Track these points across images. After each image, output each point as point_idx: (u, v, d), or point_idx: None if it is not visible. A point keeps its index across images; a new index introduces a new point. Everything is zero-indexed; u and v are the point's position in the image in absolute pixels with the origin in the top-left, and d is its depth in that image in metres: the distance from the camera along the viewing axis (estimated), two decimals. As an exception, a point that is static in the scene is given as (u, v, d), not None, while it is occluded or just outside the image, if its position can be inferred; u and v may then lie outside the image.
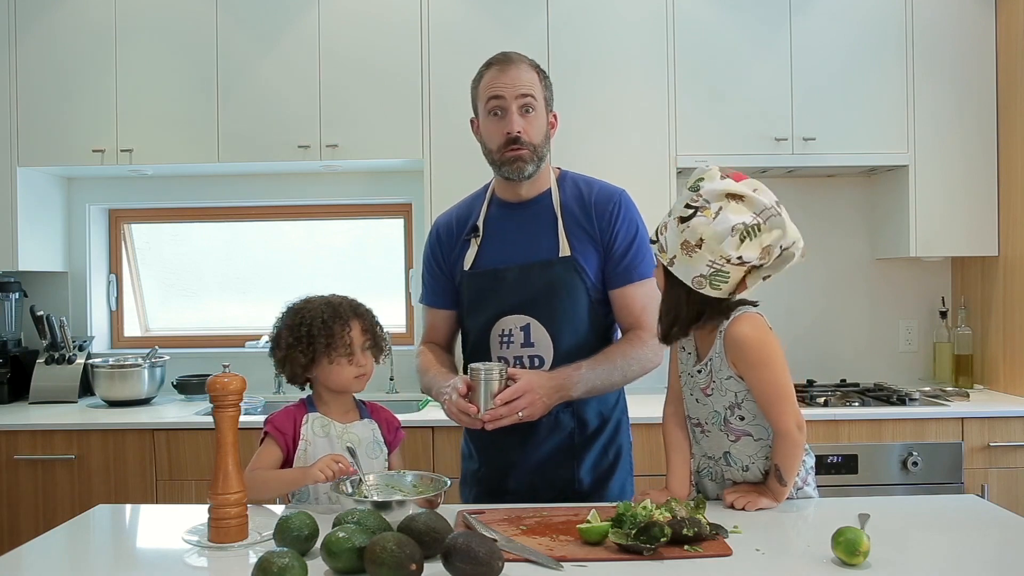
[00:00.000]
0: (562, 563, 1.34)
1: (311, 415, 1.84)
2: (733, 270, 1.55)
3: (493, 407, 1.71)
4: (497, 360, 1.89)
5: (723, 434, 1.68)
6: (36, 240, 3.41)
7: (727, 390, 1.64)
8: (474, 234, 1.97)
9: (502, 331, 1.91)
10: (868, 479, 2.87)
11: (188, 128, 3.26)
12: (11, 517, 2.93)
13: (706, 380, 1.66)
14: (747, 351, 1.59)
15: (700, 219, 1.54)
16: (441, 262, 2.03)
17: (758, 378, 1.60)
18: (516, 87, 1.87)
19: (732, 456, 1.68)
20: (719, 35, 3.22)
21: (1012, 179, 3.17)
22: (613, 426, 1.98)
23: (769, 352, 1.59)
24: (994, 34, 3.24)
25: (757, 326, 1.60)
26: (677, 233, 1.57)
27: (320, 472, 1.66)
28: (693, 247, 1.55)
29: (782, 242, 1.56)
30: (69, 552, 1.54)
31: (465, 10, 3.22)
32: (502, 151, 1.89)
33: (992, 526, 1.58)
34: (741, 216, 1.53)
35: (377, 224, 3.79)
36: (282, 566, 1.22)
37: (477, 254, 1.95)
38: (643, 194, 1.81)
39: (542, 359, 1.89)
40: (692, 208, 1.56)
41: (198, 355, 3.60)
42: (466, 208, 2.05)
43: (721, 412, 1.66)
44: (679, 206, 1.59)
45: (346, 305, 1.87)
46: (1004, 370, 3.25)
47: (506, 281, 1.90)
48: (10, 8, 3.29)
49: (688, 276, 1.57)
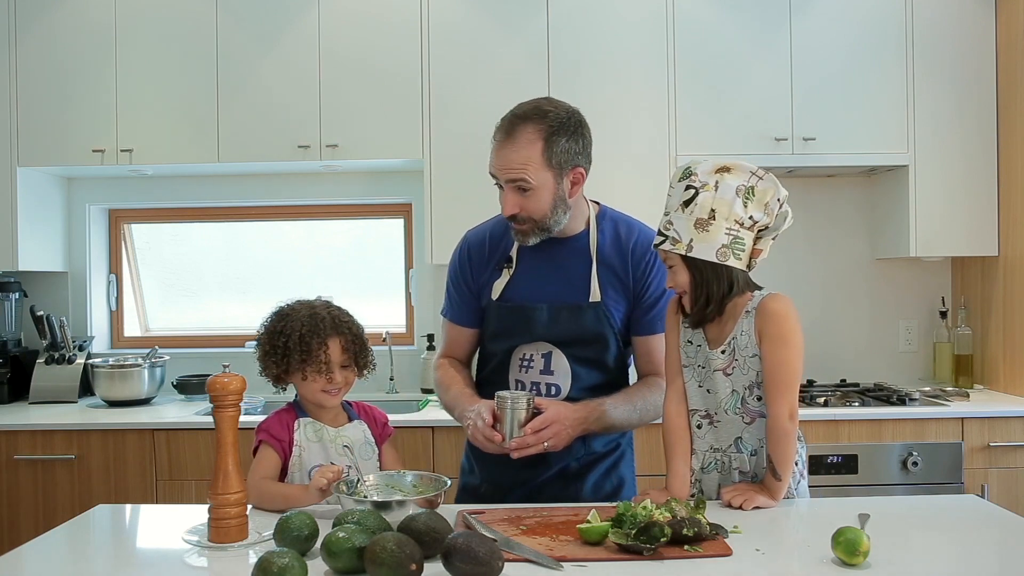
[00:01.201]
0: (562, 563, 1.34)
1: (302, 420, 1.83)
2: (747, 235, 1.65)
3: (520, 435, 1.71)
4: (514, 383, 1.92)
5: (738, 417, 1.70)
6: (36, 240, 3.41)
7: (749, 368, 1.68)
8: (507, 265, 1.94)
9: (523, 355, 1.92)
10: (868, 479, 2.87)
11: (188, 128, 3.26)
12: (11, 517, 2.93)
13: (727, 360, 1.69)
14: (778, 323, 1.65)
15: (705, 195, 1.63)
16: (470, 281, 1.99)
17: (775, 354, 1.64)
18: (507, 171, 1.80)
19: (743, 441, 1.70)
20: (719, 35, 3.22)
21: (1012, 179, 3.17)
22: (619, 454, 1.99)
23: (795, 332, 1.66)
24: (994, 34, 3.24)
25: (789, 304, 1.68)
26: (685, 218, 1.63)
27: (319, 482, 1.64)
28: (707, 221, 1.62)
29: (778, 195, 1.66)
30: (69, 552, 1.54)
31: (465, 10, 3.22)
32: (508, 220, 1.87)
33: (992, 526, 1.58)
34: (738, 179, 1.64)
35: (377, 224, 3.79)
36: (282, 566, 1.22)
37: (507, 285, 1.93)
38: (643, 194, 1.81)
39: (559, 388, 1.90)
40: (693, 189, 1.63)
41: (198, 355, 3.60)
42: (501, 226, 1.98)
43: (740, 392, 1.69)
44: (675, 198, 1.66)
45: (328, 320, 1.82)
46: (1004, 370, 3.25)
47: (534, 319, 1.89)
48: (10, 8, 3.29)
49: (711, 251, 1.63)
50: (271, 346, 1.82)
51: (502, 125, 1.83)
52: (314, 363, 1.78)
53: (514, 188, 1.80)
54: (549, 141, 1.79)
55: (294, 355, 1.79)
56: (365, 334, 1.90)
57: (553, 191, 1.82)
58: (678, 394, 1.78)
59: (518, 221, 1.84)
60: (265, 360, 1.83)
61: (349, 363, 1.83)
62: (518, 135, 1.79)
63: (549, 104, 1.84)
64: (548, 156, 1.79)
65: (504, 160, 1.80)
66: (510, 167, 1.79)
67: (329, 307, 1.87)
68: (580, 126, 1.84)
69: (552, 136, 1.79)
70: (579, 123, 1.84)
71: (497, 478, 1.93)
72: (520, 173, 1.79)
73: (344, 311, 1.89)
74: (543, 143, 1.79)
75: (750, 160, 3.40)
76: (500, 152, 1.81)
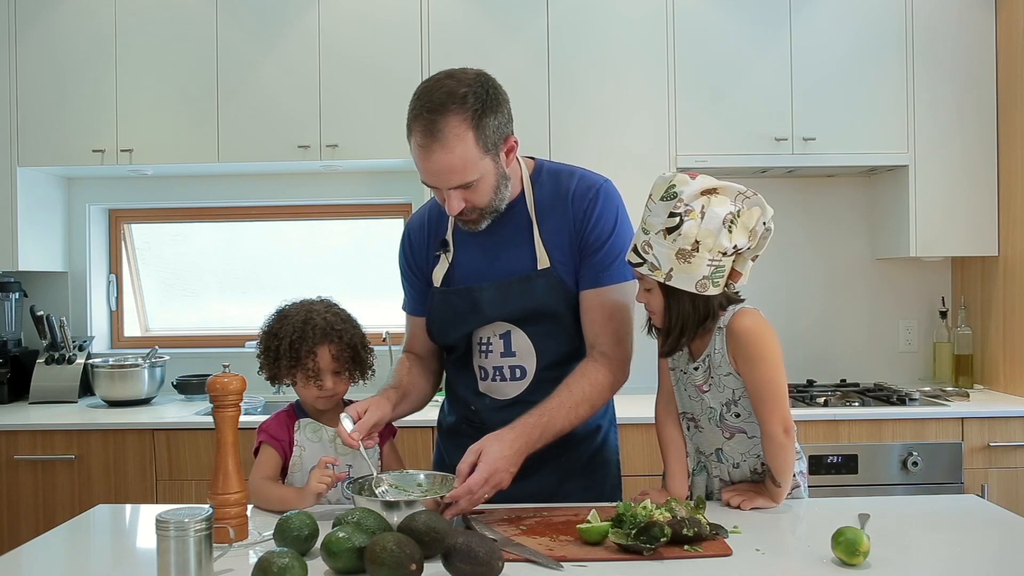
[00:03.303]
0: (562, 563, 1.34)
1: (302, 420, 1.82)
2: (727, 262, 1.57)
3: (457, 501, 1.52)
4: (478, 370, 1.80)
5: (718, 430, 1.68)
6: (36, 240, 3.41)
7: (725, 387, 1.64)
8: (443, 250, 1.80)
9: (480, 339, 1.79)
10: (868, 479, 2.87)
11: (188, 128, 3.26)
12: (11, 517, 2.93)
13: (703, 377, 1.66)
14: (748, 345, 1.59)
15: (689, 223, 1.53)
16: (415, 269, 1.87)
17: (754, 374, 1.60)
18: (447, 178, 1.60)
19: (724, 453, 1.69)
20: (719, 35, 3.22)
21: (1012, 179, 3.17)
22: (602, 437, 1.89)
23: (769, 348, 1.60)
24: (994, 34, 3.24)
25: (758, 319, 1.61)
26: (667, 245, 1.55)
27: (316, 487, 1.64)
28: (690, 253, 1.54)
29: (763, 218, 1.58)
30: (69, 552, 1.54)
31: (465, 10, 3.22)
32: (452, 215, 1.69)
33: (992, 526, 1.58)
34: (725, 207, 1.55)
35: (377, 224, 3.79)
36: (282, 566, 1.22)
37: (448, 271, 1.79)
38: (643, 194, 1.78)
39: (524, 369, 1.77)
40: (676, 215, 1.54)
41: (198, 355, 3.60)
42: (438, 208, 1.81)
43: (717, 408, 1.66)
44: (657, 219, 1.56)
45: (320, 327, 1.78)
46: (1004, 370, 3.25)
47: (482, 300, 1.75)
48: (10, 8, 3.29)
49: (691, 283, 1.56)
50: (265, 347, 1.83)
51: (417, 124, 1.59)
52: (302, 370, 1.78)
53: (456, 192, 1.63)
54: (479, 128, 1.59)
55: (283, 360, 1.78)
56: (364, 340, 1.86)
57: (495, 174, 1.65)
58: (668, 393, 1.76)
59: (465, 214, 1.68)
60: (260, 360, 1.84)
61: (341, 370, 1.81)
62: (444, 133, 1.57)
63: (457, 82, 1.61)
64: (482, 144, 1.60)
65: (438, 166, 1.59)
66: (449, 173, 1.59)
67: (327, 312, 1.83)
68: (497, 93, 1.64)
69: (479, 121, 1.59)
70: (495, 90, 1.64)
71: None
72: (461, 177, 1.60)
73: (341, 316, 1.85)
74: (473, 132, 1.58)
75: (750, 160, 3.43)
76: (430, 158, 1.59)
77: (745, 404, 1.65)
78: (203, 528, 1.26)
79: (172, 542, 1.25)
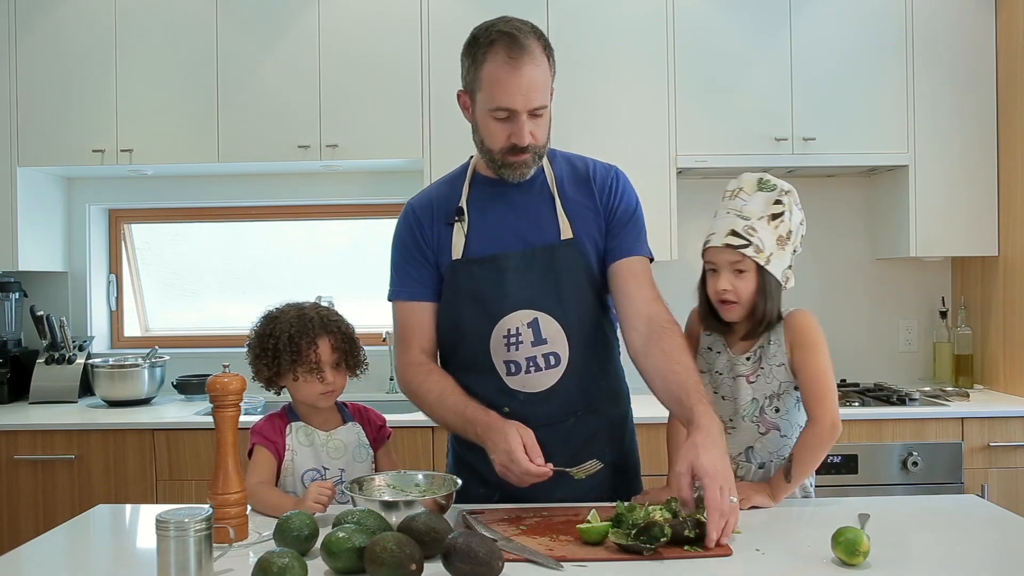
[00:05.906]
0: (562, 563, 1.34)
1: (294, 424, 1.81)
2: (794, 259, 1.72)
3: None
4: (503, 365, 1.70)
5: (754, 426, 1.71)
6: (36, 240, 3.41)
7: (773, 378, 1.69)
8: (458, 217, 1.72)
9: (507, 331, 1.68)
10: (868, 479, 2.87)
11: (188, 128, 3.26)
12: (11, 517, 2.93)
13: (752, 367, 1.71)
14: (808, 333, 1.69)
15: (787, 214, 1.68)
16: (423, 246, 1.75)
17: (811, 363, 1.67)
18: (529, 99, 1.59)
19: (755, 451, 1.71)
20: (719, 34, 3.22)
21: (1012, 179, 3.17)
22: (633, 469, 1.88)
23: (824, 343, 1.71)
24: (994, 34, 3.23)
25: (816, 319, 1.73)
26: (771, 230, 1.66)
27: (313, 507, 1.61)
28: (785, 240, 1.68)
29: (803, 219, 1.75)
30: (69, 552, 1.54)
31: (465, 9, 3.22)
32: (504, 155, 1.66)
33: (992, 526, 1.59)
34: (800, 210, 1.73)
35: (377, 224, 3.79)
36: (282, 566, 1.22)
37: (468, 239, 1.71)
38: (643, 193, 1.79)
39: (558, 356, 1.69)
40: (781, 203, 1.69)
41: (198, 355, 3.60)
42: (445, 186, 1.79)
43: (760, 401, 1.70)
44: (757, 207, 1.67)
45: (317, 320, 1.79)
46: (1004, 370, 3.25)
47: (508, 270, 1.67)
48: (10, 8, 3.29)
49: (780, 270, 1.68)
50: (261, 349, 1.80)
51: (502, 41, 1.58)
52: (304, 363, 1.77)
53: (532, 117, 1.62)
54: (550, 59, 1.65)
55: (284, 356, 1.77)
56: (356, 334, 1.87)
57: (551, 112, 1.68)
58: None
59: (526, 151, 1.65)
60: (256, 364, 1.82)
61: (340, 363, 1.82)
62: (531, 51, 1.58)
63: (520, 20, 1.67)
64: (552, 74, 1.66)
65: (528, 79, 1.57)
66: (534, 90, 1.59)
67: (318, 307, 1.85)
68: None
69: (550, 52, 1.66)
70: None
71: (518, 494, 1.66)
72: (542, 97, 1.61)
73: (333, 311, 1.87)
74: (547, 60, 1.63)
75: (749, 160, 3.43)
76: (519, 71, 1.57)
77: (786, 400, 1.70)
78: (203, 528, 1.27)
79: (172, 542, 1.25)
